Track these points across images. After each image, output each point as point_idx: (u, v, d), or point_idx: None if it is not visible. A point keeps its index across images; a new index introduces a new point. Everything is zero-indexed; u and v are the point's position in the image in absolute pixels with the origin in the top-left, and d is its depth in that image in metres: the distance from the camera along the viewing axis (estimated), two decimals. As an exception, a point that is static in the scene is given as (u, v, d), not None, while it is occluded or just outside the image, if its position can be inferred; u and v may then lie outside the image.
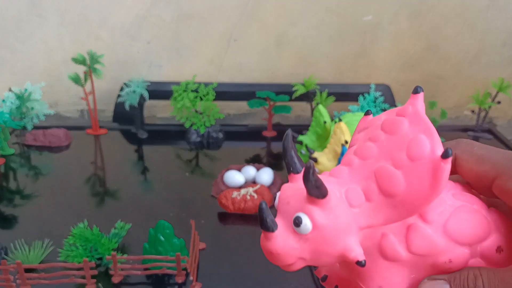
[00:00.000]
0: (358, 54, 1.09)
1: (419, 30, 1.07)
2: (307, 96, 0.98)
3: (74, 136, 0.98)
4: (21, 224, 0.72)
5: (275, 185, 0.79)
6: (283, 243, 0.21)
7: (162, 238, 0.60)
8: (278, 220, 0.22)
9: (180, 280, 0.60)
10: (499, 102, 0.97)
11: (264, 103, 0.99)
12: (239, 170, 0.82)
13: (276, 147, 0.97)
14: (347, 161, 0.23)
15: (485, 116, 1.00)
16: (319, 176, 0.22)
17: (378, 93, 0.94)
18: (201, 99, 0.98)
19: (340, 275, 0.26)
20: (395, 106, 0.98)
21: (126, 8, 1.02)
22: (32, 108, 0.94)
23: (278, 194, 0.23)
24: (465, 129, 1.05)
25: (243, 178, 0.79)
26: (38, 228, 0.70)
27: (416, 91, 0.22)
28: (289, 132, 0.23)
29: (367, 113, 0.25)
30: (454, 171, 0.25)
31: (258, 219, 0.22)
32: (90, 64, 0.93)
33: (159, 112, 1.13)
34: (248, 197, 0.73)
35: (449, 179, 0.25)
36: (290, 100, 0.98)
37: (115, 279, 0.60)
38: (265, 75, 1.10)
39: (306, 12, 1.04)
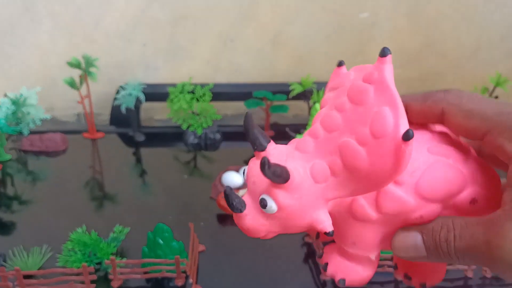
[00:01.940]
0: (355, 52, 1.09)
1: (416, 27, 1.06)
2: (304, 95, 0.98)
3: (71, 140, 0.98)
4: (19, 230, 0.72)
5: (274, 185, 0.79)
6: (252, 221, 0.23)
7: (161, 241, 0.60)
8: (247, 198, 0.23)
9: (179, 283, 0.60)
10: (496, 97, 0.97)
11: (261, 103, 0.99)
12: (237, 171, 0.81)
13: (275, 147, 0.97)
14: (313, 132, 0.23)
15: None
16: (282, 151, 0.23)
17: (375, 91, 0.94)
18: (198, 100, 0.98)
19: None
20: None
21: (120, 11, 1.01)
22: (28, 113, 0.93)
23: (245, 169, 0.24)
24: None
25: (241, 179, 0.79)
26: (37, 234, 0.70)
27: (383, 53, 0.22)
28: (250, 112, 0.24)
29: (339, 64, 0.24)
30: (440, 123, 0.25)
31: (226, 203, 0.23)
32: (85, 67, 0.93)
33: (156, 114, 1.13)
34: (247, 198, 0.73)
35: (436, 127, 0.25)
36: (287, 99, 0.98)
37: (115, 284, 0.60)
38: (261, 75, 1.09)
39: (302, 11, 1.04)
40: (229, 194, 0.23)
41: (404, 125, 0.20)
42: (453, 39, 1.08)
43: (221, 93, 1.02)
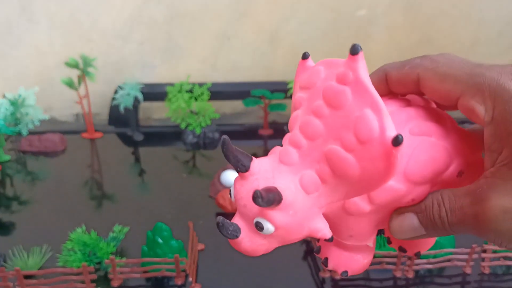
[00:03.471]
0: (352, 49, 1.08)
1: (414, 23, 1.06)
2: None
3: (69, 141, 0.98)
4: (19, 230, 0.72)
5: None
6: (250, 243, 0.22)
7: (160, 240, 0.60)
8: (240, 221, 0.22)
9: (179, 282, 0.60)
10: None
11: (259, 101, 0.99)
12: (236, 169, 0.81)
13: (273, 145, 0.97)
14: (294, 141, 0.22)
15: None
16: (267, 168, 0.22)
17: (373, 88, 0.94)
18: (196, 99, 0.98)
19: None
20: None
21: (117, 10, 1.01)
22: (27, 114, 0.93)
23: (232, 188, 0.23)
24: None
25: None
26: (36, 234, 0.70)
27: (355, 50, 0.20)
28: (226, 137, 0.22)
29: (304, 56, 0.23)
30: (418, 91, 0.25)
31: (220, 232, 0.22)
32: (83, 67, 0.93)
33: (154, 113, 1.13)
34: (246, 196, 0.73)
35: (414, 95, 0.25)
36: (286, 97, 0.98)
37: (115, 283, 0.60)
38: (259, 73, 1.09)
39: (299, 8, 1.03)
40: (223, 223, 0.22)
41: (390, 127, 0.19)
42: (450, 35, 1.08)
43: (219, 92, 1.02)
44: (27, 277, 0.59)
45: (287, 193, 0.21)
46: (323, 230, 0.22)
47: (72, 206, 0.77)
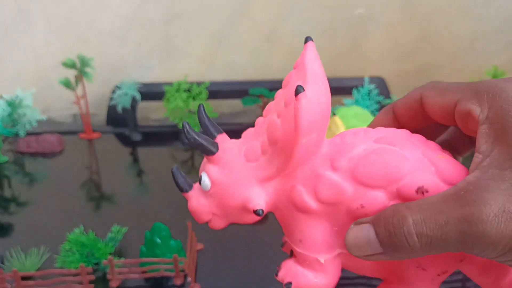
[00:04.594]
0: (351, 47, 1.08)
1: (412, 21, 1.06)
2: (301, 91, 0.98)
3: (67, 141, 0.97)
4: (16, 231, 0.72)
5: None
6: (196, 201, 0.25)
7: (158, 240, 0.60)
8: (197, 184, 0.25)
9: (178, 282, 0.60)
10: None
11: (257, 100, 0.99)
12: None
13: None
14: (257, 122, 0.25)
15: (480, 104, 0.99)
16: (230, 140, 0.25)
17: (372, 86, 0.94)
18: (194, 98, 0.98)
19: None
20: (390, 98, 0.98)
21: (114, 10, 1.01)
22: (24, 115, 0.93)
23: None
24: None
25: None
26: (34, 235, 0.70)
27: (305, 40, 0.23)
28: (201, 105, 0.25)
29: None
30: (422, 113, 0.25)
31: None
32: (80, 67, 0.92)
33: (152, 113, 1.13)
34: (245, 195, 0.73)
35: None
36: (284, 96, 0.98)
37: (113, 284, 0.60)
38: (257, 71, 1.09)
39: (296, 7, 1.03)
40: (175, 173, 0.24)
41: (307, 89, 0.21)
42: (449, 32, 1.08)
43: (217, 91, 1.02)
44: (24, 278, 0.59)
45: (228, 152, 0.24)
46: (255, 200, 0.23)
47: (70, 206, 0.77)
